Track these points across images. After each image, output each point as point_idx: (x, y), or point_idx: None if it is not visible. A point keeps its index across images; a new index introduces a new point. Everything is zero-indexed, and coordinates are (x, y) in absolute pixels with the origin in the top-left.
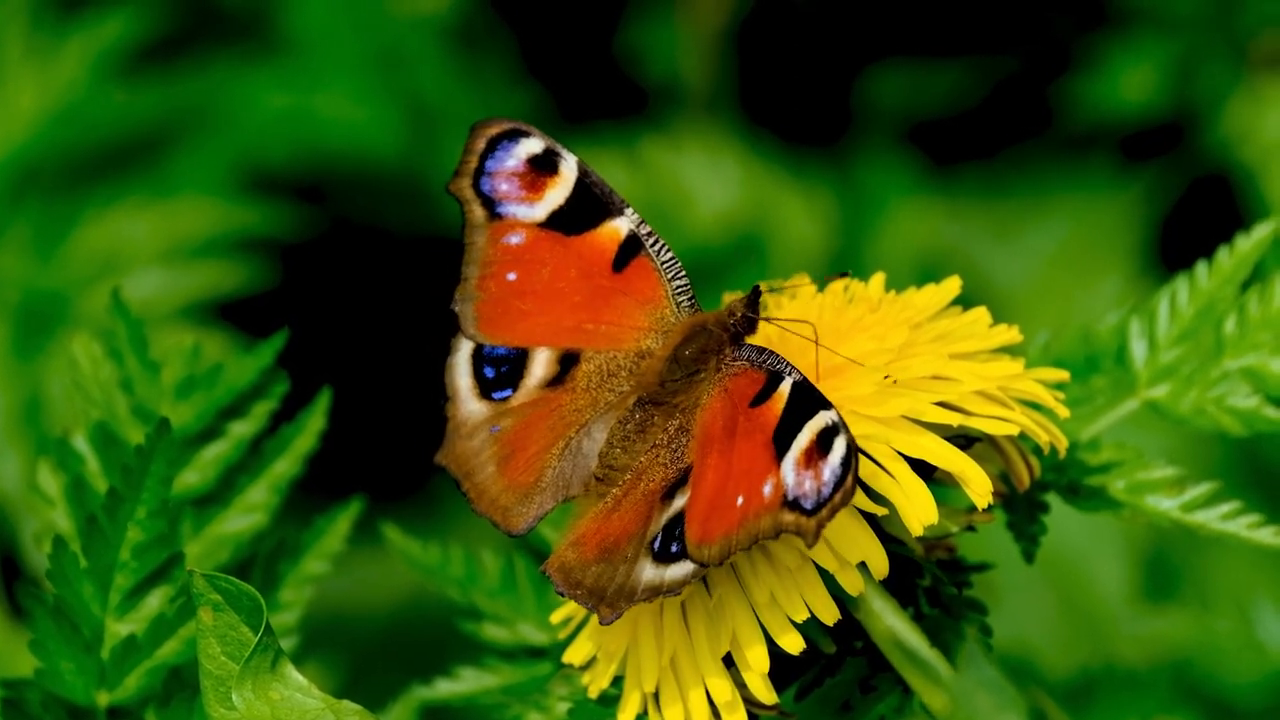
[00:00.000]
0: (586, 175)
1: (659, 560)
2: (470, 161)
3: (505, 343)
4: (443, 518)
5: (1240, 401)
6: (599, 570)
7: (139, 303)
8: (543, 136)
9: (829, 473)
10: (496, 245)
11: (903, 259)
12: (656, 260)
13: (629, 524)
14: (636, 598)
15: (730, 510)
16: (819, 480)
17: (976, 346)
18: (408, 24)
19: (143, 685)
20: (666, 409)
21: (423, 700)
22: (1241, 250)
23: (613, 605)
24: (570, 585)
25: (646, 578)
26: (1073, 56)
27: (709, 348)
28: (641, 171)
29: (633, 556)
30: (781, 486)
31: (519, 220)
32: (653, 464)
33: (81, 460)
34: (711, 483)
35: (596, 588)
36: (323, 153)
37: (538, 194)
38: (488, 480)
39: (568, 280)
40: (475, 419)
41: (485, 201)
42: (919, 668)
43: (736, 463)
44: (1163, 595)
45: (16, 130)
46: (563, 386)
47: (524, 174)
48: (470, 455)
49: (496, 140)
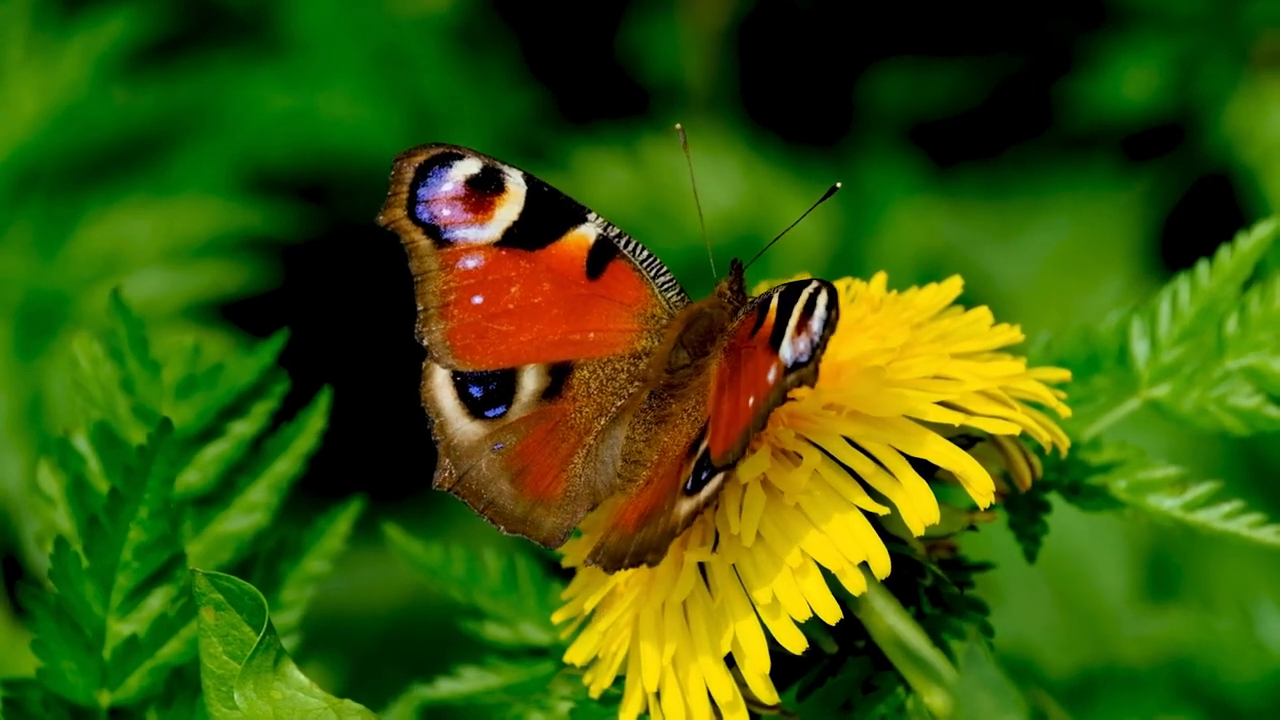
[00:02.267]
0: (539, 188)
1: (692, 494)
2: (400, 192)
3: (490, 366)
4: (444, 517)
5: (1242, 401)
6: (643, 535)
7: (140, 303)
8: (480, 156)
9: (817, 322)
10: (452, 272)
11: (904, 259)
12: (634, 261)
13: (663, 490)
14: (678, 530)
15: (744, 411)
16: (810, 333)
17: (978, 346)
18: (409, 24)
19: (144, 685)
20: (681, 395)
21: (424, 700)
22: (1243, 249)
23: (659, 550)
24: (616, 561)
25: (684, 510)
26: (1074, 56)
27: (712, 329)
28: (642, 171)
29: (670, 508)
30: (782, 363)
31: (471, 243)
32: (675, 441)
33: (83, 460)
34: (726, 409)
35: (642, 549)
36: (324, 153)
37: (486, 214)
38: (506, 498)
39: (542, 294)
40: (473, 439)
41: (428, 230)
42: (920, 667)
43: (744, 380)
44: (1164, 595)
45: (18, 130)
46: (561, 397)
47: (466, 196)
48: (478, 475)
49: (426, 167)
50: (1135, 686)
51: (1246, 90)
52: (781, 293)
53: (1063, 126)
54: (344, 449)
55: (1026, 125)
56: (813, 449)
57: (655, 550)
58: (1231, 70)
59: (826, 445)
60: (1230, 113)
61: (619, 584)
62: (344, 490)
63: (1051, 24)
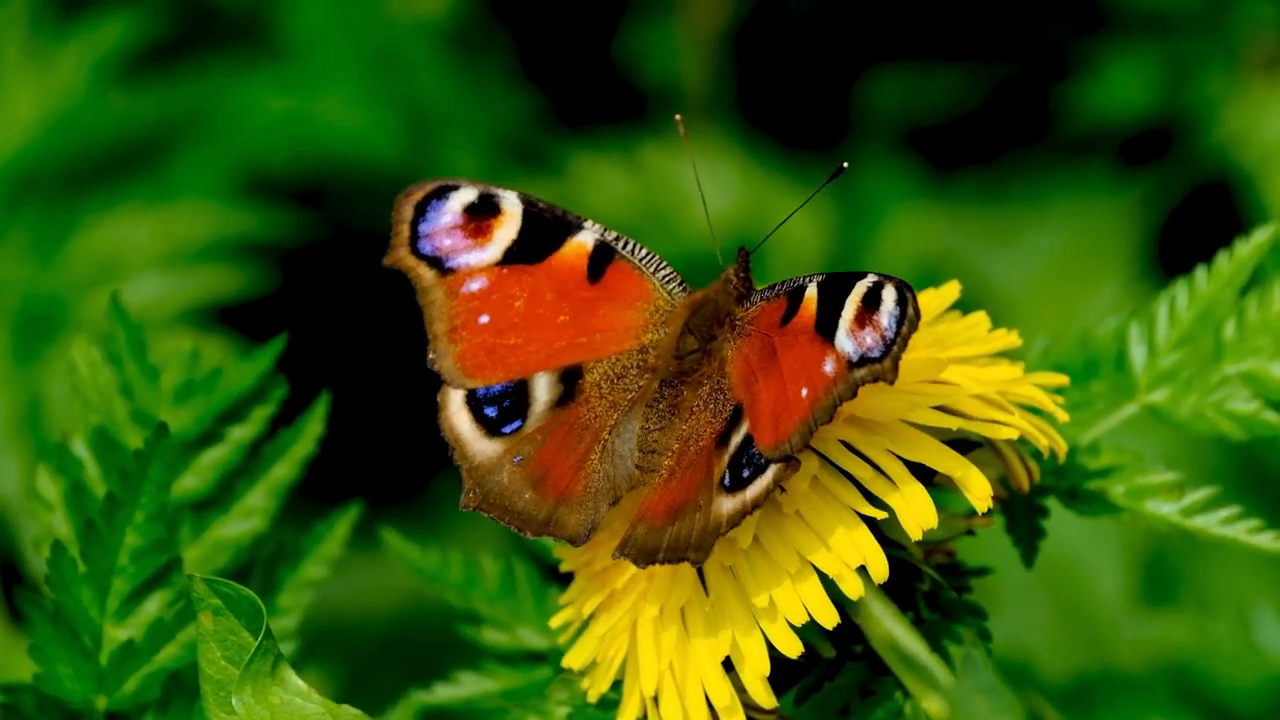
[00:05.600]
0: (533, 205)
1: (734, 490)
2: (401, 231)
3: (500, 380)
4: (442, 522)
5: (1240, 406)
6: (675, 530)
7: (138, 307)
8: (474, 183)
9: (887, 317)
10: (457, 297)
11: (901, 263)
12: (634, 260)
13: (691, 482)
14: (724, 530)
15: (798, 403)
16: (879, 329)
17: (975, 351)
18: (406, 28)
19: (141, 690)
20: (692, 381)
21: (422, 705)
22: (1240, 255)
23: (700, 548)
24: (648, 555)
25: (728, 509)
26: (1070, 61)
27: (719, 313)
28: (639, 176)
29: (706, 503)
30: (842, 356)
31: (473, 266)
32: (696, 430)
33: (80, 465)
34: (768, 399)
35: (676, 545)
36: (322, 157)
37: (485, 237)
38: (529, 505)
39: (546, 304)
40: (493, 456)
41: (431, 262)
42: (918, 672)
43: (787, 370)
44: (1161, 600)
45: (15, 135)
46: (574, 402)
47: (465, 224)
48: (501, 490)
49: (425, 203)
50: (1132, 691)
51: (1243, 94)
52: (821, 282)
53: (1060, 131)
54: (342, 454)
55: (1024, 130)
56: (810, 454)
57: (697, 549)
58: (1227, 74)
59: (824, 450)
60: (1226, 117)
61: (617, 588)
62: (342, 495)
63: (1048, 29)
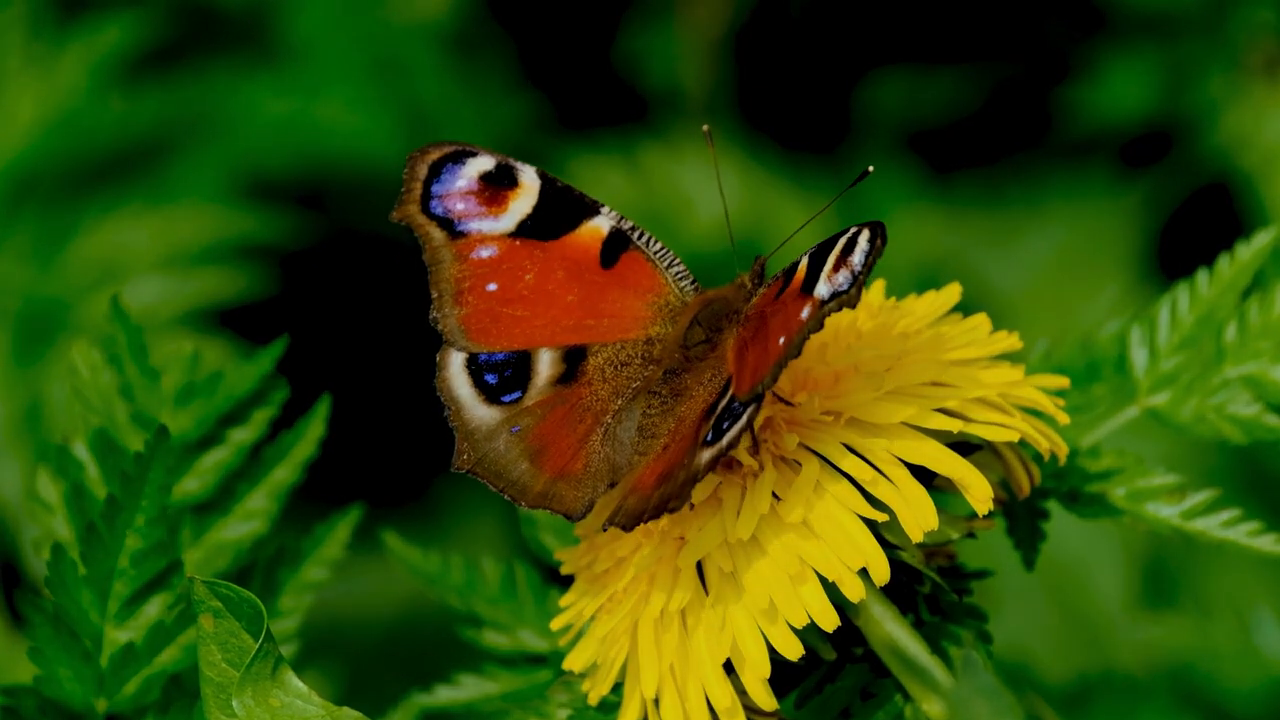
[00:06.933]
0: (552, 182)
1: (713, 443)
2: (414, 188)
3: (503, 348)
4: (442, 525)
5: (1241, 409)
6: (662, 491)
7: (139, 310)
8: (492, 153)
9: (859, 254)
10: (466, 261)
11: (902, 265)
12: (648, 252)
13: (680, 450)
14: (701, 476)
15: (773, 348)
16: (851, 267)
17: (976, 353)
18: (406, 31)
19: (141, 692)
20: (695, 371)
21: (423, 707)
22: (1242, 258)
23: (680, 496)
24: (636, 518)
25: (705, 458)
26: (1071, 64)
27: (728, 310)
28: (640, 178)
29: (690, 463)
30: (817, 300)
31: (486, 234)
32: (692, 410)
33: (81, 467)
34: (752, 358)
35: (662, 502)
36: (322, 159)
37: (500, 207)
38: (525, 476)
39: (555, 282)
40: (490, 423)
41: (442, 223)
42: (918, 675)
43: (772, 328)
44: (1161, 602)
45: (16, 137)
46: (576, 381)
47: (480, 191)
48: (497, 457)
49: (440, 164)
50: (1133, 694)
51: (1243, 97)
52: (811, 252)
53: (1060, 133)
54: (343, 456)
55: (1024, 132)
56: (812, 456)
57: (677, 498)
58: (1227, 77)
59: (825, 452)
60: (1227, 119)
61: (618, 590)
62: (343, 497)
63: (1048, 31)
